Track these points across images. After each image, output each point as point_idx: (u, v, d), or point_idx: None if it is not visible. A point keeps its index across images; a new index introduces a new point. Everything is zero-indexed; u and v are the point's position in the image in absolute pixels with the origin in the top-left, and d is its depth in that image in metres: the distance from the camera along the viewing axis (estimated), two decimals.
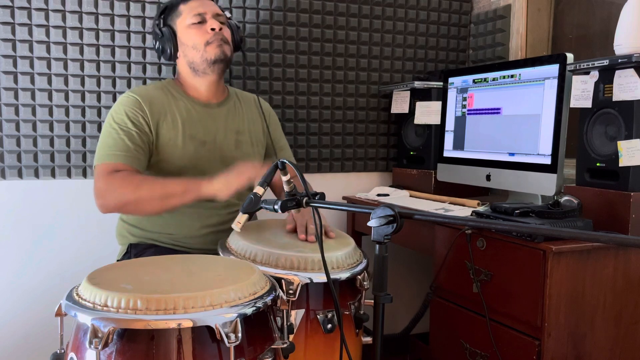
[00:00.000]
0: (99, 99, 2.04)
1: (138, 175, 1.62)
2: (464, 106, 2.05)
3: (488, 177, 1.93)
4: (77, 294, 1.11)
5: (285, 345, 1.17)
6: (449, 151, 2.11)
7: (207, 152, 1.75)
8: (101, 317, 1.02)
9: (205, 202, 1.75)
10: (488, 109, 1.95)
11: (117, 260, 1.78)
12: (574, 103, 1.63)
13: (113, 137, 1.64)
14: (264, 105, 1.96)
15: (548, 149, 1.71)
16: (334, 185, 2.38)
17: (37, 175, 2.01)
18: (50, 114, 2.00)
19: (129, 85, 2.07)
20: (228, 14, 1.84)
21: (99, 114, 2.04)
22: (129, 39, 2.06)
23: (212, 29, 1.72)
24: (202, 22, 1.73)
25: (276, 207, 1.20)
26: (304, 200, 1.20)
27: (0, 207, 1.99)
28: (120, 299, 1.04)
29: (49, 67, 1.98)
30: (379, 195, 2.21)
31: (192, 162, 1.71)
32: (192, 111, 1.76)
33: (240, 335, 1.04)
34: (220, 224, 1.75)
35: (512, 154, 1.84)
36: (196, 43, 1.72)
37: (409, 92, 2.26)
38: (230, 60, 1.78)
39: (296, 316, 1.33)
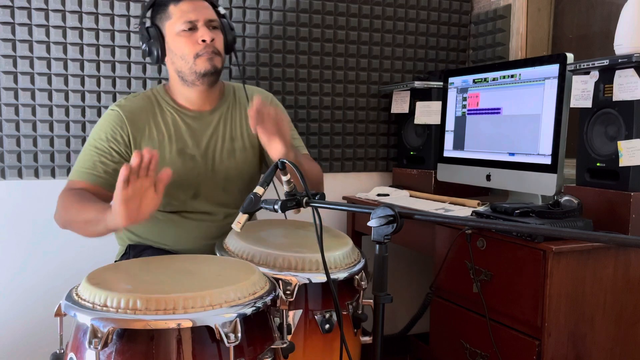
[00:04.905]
0: (99, 99, 2.04)
1: (80, 195, 1.50)
2: (464, 106, 2.05)
3: (488, 177, 1.93)
4: (77, 294, 1.11)
5: (285, 345, 1.17)
6: (449, 151, 2.11)
7: (197, 166, 1.67)
8: (101, 317, 1.02)
9: (202, 214, 1.70)
10: (488, 109, 1.95)
11: (116, 261, 1.77)
12: (574, 103, 1.63)
13: (85, 154, 1.61)
14: (260, 97, 1.72)
15: (548, 149, 1.71)
16: (334, 185, 2.38)
17: (37, 175, 2.01)
18: (50, 114, 2.00)
19: (129, 86, 2.07)
20: (222, 10, 1.71)
21: (99, 114, 2.04)
22: (129, 39, 2.06)
23: (203, 40, 1.59)
24: (193, 29, 1.60)
25: (276, 207, 1.20)
26: (304, 200, 1.20)
27: (0, 207, 1.99)
28: (119, 299, 1.04)
29: (49, 67, 1.98)
30: (379, 195, 2.21)
31: (181, 178, 1.62)
32: (180, 123, 1.68)
33: (239, 335, 1.04)
34: (219, 236, 1.65)
35: (512, 154, 1.84)
36: (185, 54, 1.60)
37: (409, 92, 2.26)
38: (221, 70, 1.66)
39: (294, 316, 1.33)
